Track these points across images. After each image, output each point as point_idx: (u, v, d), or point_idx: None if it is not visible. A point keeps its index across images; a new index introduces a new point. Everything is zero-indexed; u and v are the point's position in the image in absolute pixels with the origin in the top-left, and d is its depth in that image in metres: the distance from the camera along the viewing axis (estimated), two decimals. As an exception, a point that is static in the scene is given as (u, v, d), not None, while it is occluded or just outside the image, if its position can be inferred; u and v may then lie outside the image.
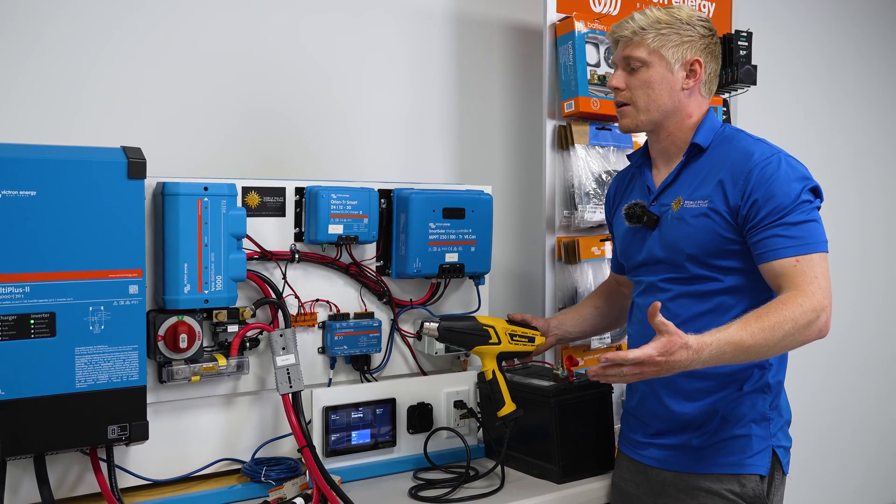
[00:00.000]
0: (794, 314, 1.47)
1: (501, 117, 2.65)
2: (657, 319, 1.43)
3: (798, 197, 1.56)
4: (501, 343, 1.83)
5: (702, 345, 1.43)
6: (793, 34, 3.45)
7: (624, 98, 1.73)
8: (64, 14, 1.95)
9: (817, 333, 1.51)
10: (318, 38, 2.32)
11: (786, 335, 1.47)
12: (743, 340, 1.45)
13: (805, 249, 1.54)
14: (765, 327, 1.46)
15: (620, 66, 1.74)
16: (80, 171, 1.48)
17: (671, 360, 1.42)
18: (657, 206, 1.73)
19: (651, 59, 1.69)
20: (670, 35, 1.69)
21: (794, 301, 1.49)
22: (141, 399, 1.56)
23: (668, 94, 1.70)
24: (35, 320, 1.45)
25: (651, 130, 1.75)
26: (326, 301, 1.91)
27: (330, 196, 1.82)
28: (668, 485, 1.70)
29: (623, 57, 1.72)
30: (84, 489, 1.63)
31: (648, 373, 1.45)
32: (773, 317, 1.47)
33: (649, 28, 1.69)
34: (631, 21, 1.71)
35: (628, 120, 1.74)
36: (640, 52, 1.69)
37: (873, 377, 3.82)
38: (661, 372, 1.45)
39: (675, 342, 1.42)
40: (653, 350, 1.42)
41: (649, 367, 1.44)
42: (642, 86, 1.70)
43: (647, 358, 1.42)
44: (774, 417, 1.68)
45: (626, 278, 1.96)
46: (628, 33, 1.71)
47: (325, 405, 1.82)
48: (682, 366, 1.44)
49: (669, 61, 1.69)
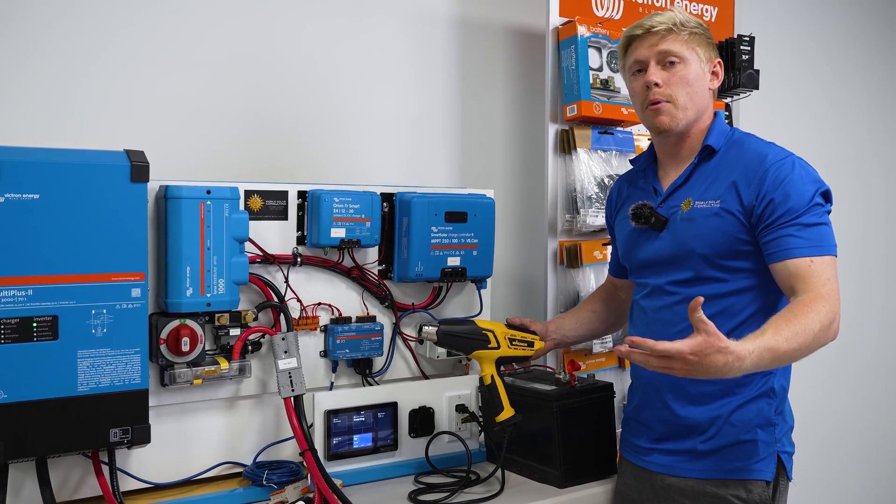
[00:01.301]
0: (819, 317, 1.45)
1: (504, 121, 2.65)
2: (697, 315, 1.36)
3: (812, 199, 1.56)
4: (500, 347, 1.83)
5: (745, 352, 1.37)
6: (794, 38, 3.45)
7: (662, 95, 1.66)
8: (67, 16, 1.96)
9: (832, 336, 1.50)
10: (320, 41, 2.32)
11: (815, 338, 1.45)
12: (779, 345, 1.41)
13: (818, 251, 1.53)
14: (797, 331, 1.42)
15: (654, 61, 1.67)
16: (84, 175, 1.48)
17: (705, 361, 1.35)
18: (665, 207, 1.72)
19: (689, 55, 1.67)
20: (701, 34, 1.69)
21: (816, 303, 1.47)
22: (143, 402, 1.56)
23: (702, 93, 1.69)
24: (38, 323, 1.45)
25: (683, 131, 1.70)
26: (328, 305, 1.91)
27: (332, 200, 1.82)
28: (673, 490, 1.69)
29: (659, 51, 1.66)
30: (86, 492, 1.63)
31: (678, 369, 1.38)
32: (803, 320, 1.44)
33: (686, 23, 1.67)
34: (662, 16, 1.67)
35: (668, 118, 1.67)
36: (677, 47, 1.66)
37: (876, 382, 3.81)
38: (692, 372, 1.38)
39: (713, 345, 1.35)
40: (685, 347, 1.35)
41: (679, 363, 1.36)
42: (682, 82, 1.66)
43: (676, 353, 1.35)
44: (779, 423, 1.67)
45: (623, 282, 1.96)
46: (667, 25, 1.66)
47: (327, 409, 1.82)
48: (718, 370, 1.36)
49: (702, 59, 1.68)
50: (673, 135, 1.71)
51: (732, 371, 1.38)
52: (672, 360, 1.37)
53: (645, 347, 1.38)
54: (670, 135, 1.71)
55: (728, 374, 1.38)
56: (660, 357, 1.38)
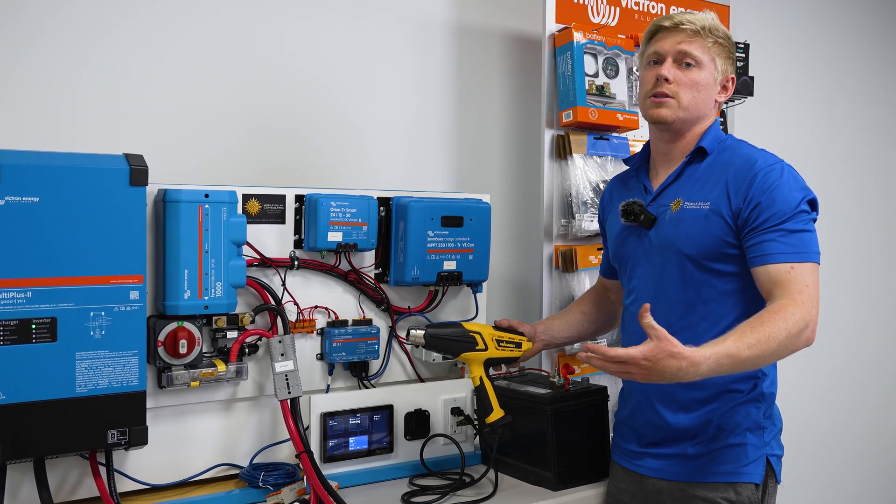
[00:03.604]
0: (786, 325, 1.48)
1: (500, 126, 2.67)
2: (646, 321, 1.41)
3: (798, 206, 1.58)
4: (488, 349, 1.83)
5: (700, 358, 1.41)
6: (789, 44, 3.47)
7: (669, 91, 1.69)
8: (65, 21, 1.97)
9: (805, 343, 1.53)
10: (319, 47, 2.33)
11: (779, 345, 1.48)
12: (740, 352, 1.44)
13: (800, 258, 1.55)
14: (760, 339, 1.46)
15: (672, 58, 1.69)
16: (83, 178, 1.49)
17: (658, 366, 1.40)
18: (655, 206, 1.74)
19: (707, 62, 1.69)
20: (725, 47, 1.71)
21: (786, 311, 1.50)
22: (140, 404, 1.57)
23: (706, 100, 1.71)
24: (36, 325, 1.46)
25: (677, 130, 1.73)
26: (325, 308, 1.92)
27: (329, 204, 1.84)
28: (663, 494, 1.71)
29: (679, 50, 1.68)
30: (83, 493, 1.64)
31: (635, 373, 1.43)
32: (768, 328, 1.47)
33: (714, 31, 1.68)
34: (695, 16, 1.68)
35: (668, 111, 1.69)
36: (699, 51, 1.68)
37: (871, 387, 3.82)
38: (649, 377, 1.42)
39: (665, 349, 1.39)
40: (637, 353, 1.40)
41: (634, 368, 1.41)
42: (690, 85, 1.68)
43: (629, 358, 1.40)
44: (768, 426, 1.69)
45: (613, 283, 1.97)
46: (696, 27, 1.67)
47: (323, 411, 1.83)
48: (673, 374, 1.41)
49: (718, 70, 1.70)
50: (667, 131, 1.74)
51: (689, 375, 1.41)
52: (627, 365, 1.42)
53: (600, 354, 1.42)
54: (665, 130, 1.73)
55: (686, 378, 1.42)
56: (616, 363, 1.42)
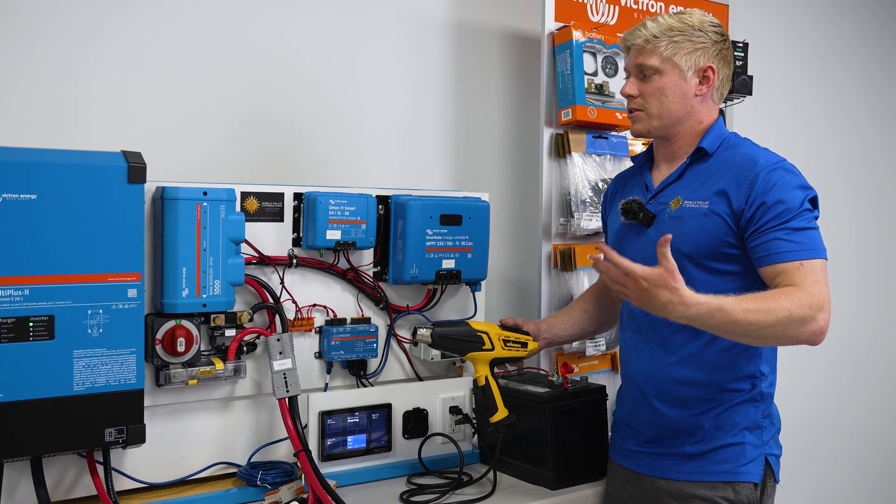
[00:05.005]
0: (790, 305, 1.47)
1: (499, 125, 2.67)
2: (662, 250, 1.45)
3: (801, 204, 1.58)
4: (495, 349, 1.83)
5: (692, 300, 1.45)
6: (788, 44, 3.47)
7: (636, 105, 1.74)
8: (62, 17, 1.96)
9: (810, 336, 1.50)
10: (317, 45, 2.33)
11: (777, 323, 1.47)
12: (734, 312, 1.46)
13: (808, 255, 1.54)
14: (760, 308, 1.47)
15: (633, 74, 1.74)
16: (81, 175, 1.49)
17: (652, 291, 1.46)
18: (654, 204, 1.74)
19: (664, 67, 1.70)
20: (683, 42, 1.70)
21: (793, 294, 1.49)
22: (138, 402, 1.56)
23: (680, 101, 1.71)
24: (34, 323, 1.46)
25: (661, 136, 1.76)
26: (324, 306, 1.91)
27: (328, 202, 1.83)
28: (662, 493, 1.70)
29: (636, 65, 1.73)
30: (80, 492, 1.63)
31: (631, 290, 1.50)
32: (770, 302, 1.48)
33: (661, 36, 1.69)
34: (643, 29, 1.71)
35: (640, 125, 1.75)
36: (652, 61, 1.70)
37: (868, 386, 3.83)
38: (641, 298, 1.49)
39: (665, 280, 1.45)
40: (640, 271, 1.47)
41: (632, 283, 1.49)
42: (655, 93, 1.71)
43: (632, 272, 1.47)
44: (766, 426, 1.69)
45: None
46: (640, 41, 1.71)
47: (322, 410, 1.83)
48: (662, 305, 1.47)
49: (682, 69, 1.70)
50: (656, 138, 1.78)
51: (676, 312, 1.47)
52: (628, 278, 1.49)
53: (611, 258, 1.49)
54: (652, 138, 1.79)
55: (672, 314, 1.48)
56: (620, 271, 1.49)
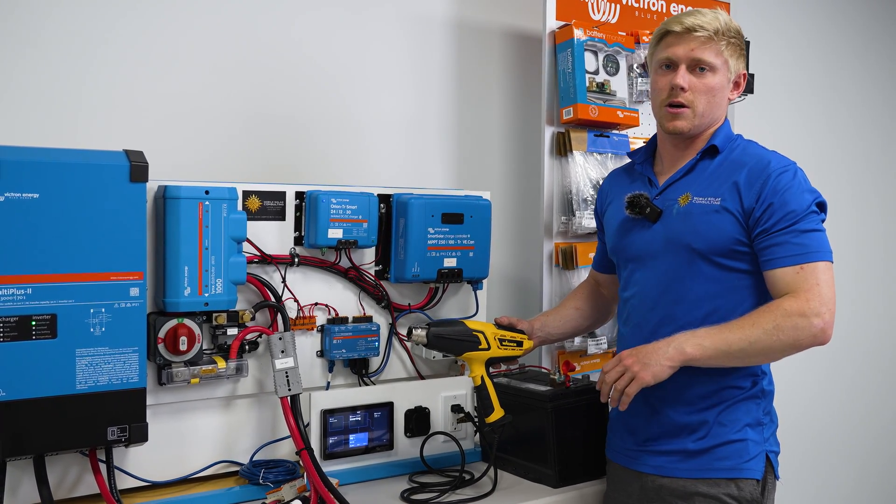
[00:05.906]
0: (775, 313, 1.53)
1: (500, 123, 2.67)
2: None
3: (809, 207, 1.59)
4: (491, 348, 1.83)
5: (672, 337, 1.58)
6: (789, 42, 3.47)
7: (685, 100, 1.66)
8: (65, 16, 1.97)
9: (811, 338, 1.53)
10: (319, 43, 2.33)
11: (766, 332, 1.52)
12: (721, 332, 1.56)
13: (809, 258, 1.56)
14: (744, 323, 1.54)
15: (685, 65, 1.66)
16: (83, 174, 1.49)
17: (642, 350, 1.59)
18: (661, 199, 1.73)
19: (720, 66, 1.66)
20: (736, 45, 1.68)
21: (779, 303, 1.55)
22: (141, 401, 1.57)
23: (720, 104, 1.70)
24: (36, 322, 1.46)
25: (691, 135, 1.71)
26: (325, 305, 1.92)
27: (330, 200, 1.84)
28: (664, 491, 1.70)
29: (693, 57, 1.65)
30: (83, 490, 1.64)
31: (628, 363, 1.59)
32: (753, 317, 1.55)
33: (727, 32, 1.66)
34: (706, 18, 1.64)
35: (684, 122, 1.67)
36: (713, 57, 1.65)
37: (868, 384, 3.83)
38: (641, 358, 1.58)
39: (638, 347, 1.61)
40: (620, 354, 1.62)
41: (625, 359, 1.60)
42: (706, 91, 1.66)
43: (614, 358, 1.63)
44: (767, 423, 1.70)
45: (606, 277, 1.97)
46: (709, 32, 1.63)
47: (324, 408, 1.83)
48: (654, 348, 1.58)
49: (731, 71, 1.69)
50: (682, 139, 1.73)
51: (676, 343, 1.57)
52: (619, 362, 1.61)
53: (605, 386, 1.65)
54: (680, 138, 1.73)
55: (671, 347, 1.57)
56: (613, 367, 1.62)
